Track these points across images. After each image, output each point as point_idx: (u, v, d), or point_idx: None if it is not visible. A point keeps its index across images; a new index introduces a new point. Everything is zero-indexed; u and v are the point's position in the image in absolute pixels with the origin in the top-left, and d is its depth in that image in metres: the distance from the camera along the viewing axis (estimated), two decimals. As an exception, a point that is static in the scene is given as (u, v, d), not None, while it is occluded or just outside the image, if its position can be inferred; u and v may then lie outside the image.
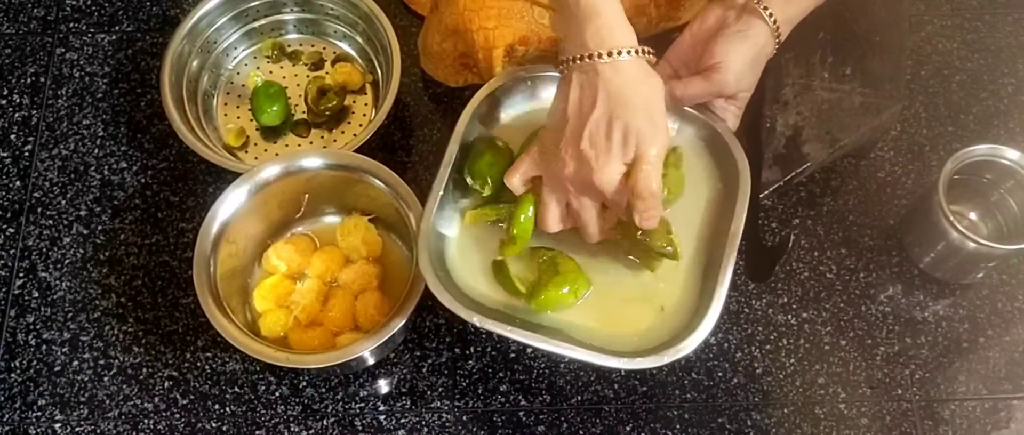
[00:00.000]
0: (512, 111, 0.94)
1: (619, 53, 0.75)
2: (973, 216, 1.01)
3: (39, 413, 0.94)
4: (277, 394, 0.95)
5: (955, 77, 1.11)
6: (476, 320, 0.80)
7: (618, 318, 0.85)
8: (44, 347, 0.97)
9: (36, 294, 1.00)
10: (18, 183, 1.06)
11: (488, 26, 0.98)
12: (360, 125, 1.08)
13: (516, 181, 0.84)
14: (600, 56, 0.75)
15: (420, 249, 0.84)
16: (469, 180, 0.88)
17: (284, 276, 0.96)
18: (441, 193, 0.86)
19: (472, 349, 0.97)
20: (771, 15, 0.83)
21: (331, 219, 1.01)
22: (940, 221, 0.92)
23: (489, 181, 0.87)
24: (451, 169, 0.87)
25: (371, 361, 0.95)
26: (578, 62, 0.77)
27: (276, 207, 0.97)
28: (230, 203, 0.92)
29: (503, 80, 0.92)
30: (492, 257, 0.87)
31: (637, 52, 0.76)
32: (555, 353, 0.81)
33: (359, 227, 0.96)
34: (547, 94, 0.91)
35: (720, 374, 0.96)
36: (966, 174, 0.96)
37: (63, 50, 1.14)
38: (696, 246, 0.87)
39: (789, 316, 0.99)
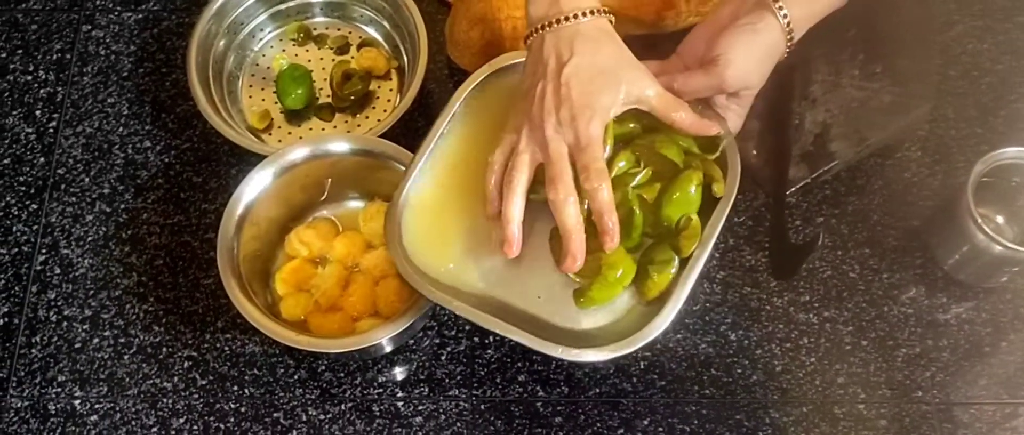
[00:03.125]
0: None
1: (580, 15, 0.78)
2: (1000, 219, 1.00)
3: (59, 389, 0.95)
4: (296, 377, 0.95)
5: (984, 79, 1.10)
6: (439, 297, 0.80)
7: (610, 310, 0.82)
8: (65, 324, 0.98)
9: (58, 271, 1.00)
10: (42, 159, 1.06)
11: (516, 15, 0.98)
12: (384, 111, 1.08)
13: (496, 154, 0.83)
14: (567, 19, 0.78)
15: (387, 221, 0.84)
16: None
17: (306, 260, 0.96)
18: (421, 164, 0.85)
19: (491, 338, 0.97)
20: (783, 12, 0.79)
21: (354, 204, 1.01)
22: (967, 223, 0.92)
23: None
24: (438, 139, 0.86)
25: (390, 347, 0.95)
26: (542, 30, 0.79)
27: (299, 190, 0.97)
28: (255, 185, 0.92)
29: (506, 61, 0.90)
30: (458, 222, 0.85)
31: (594, 12, 0.79)
32: (500, 334, 0.78)
33: (381, 212, 0.96)
34: None
35: (739, 371, 0.96)
36: (994, 176, 0.95)
37: (89, 27, 1.14)
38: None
39: (810, 314, 0.98)
